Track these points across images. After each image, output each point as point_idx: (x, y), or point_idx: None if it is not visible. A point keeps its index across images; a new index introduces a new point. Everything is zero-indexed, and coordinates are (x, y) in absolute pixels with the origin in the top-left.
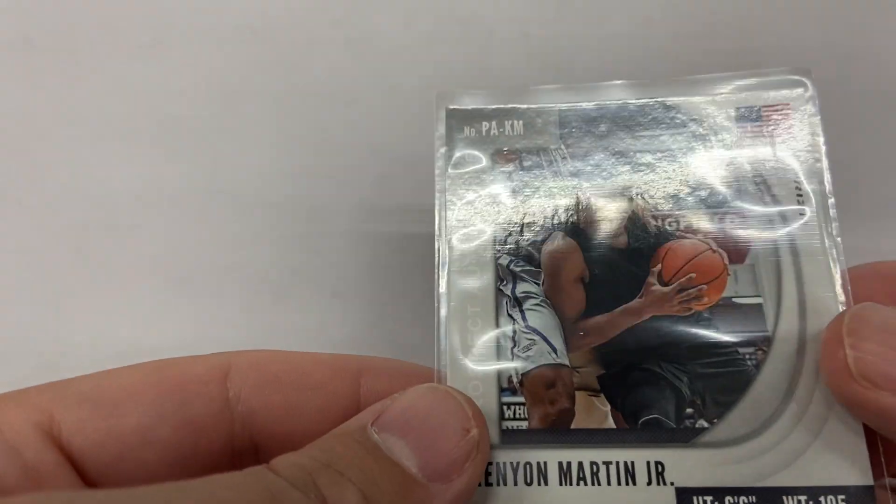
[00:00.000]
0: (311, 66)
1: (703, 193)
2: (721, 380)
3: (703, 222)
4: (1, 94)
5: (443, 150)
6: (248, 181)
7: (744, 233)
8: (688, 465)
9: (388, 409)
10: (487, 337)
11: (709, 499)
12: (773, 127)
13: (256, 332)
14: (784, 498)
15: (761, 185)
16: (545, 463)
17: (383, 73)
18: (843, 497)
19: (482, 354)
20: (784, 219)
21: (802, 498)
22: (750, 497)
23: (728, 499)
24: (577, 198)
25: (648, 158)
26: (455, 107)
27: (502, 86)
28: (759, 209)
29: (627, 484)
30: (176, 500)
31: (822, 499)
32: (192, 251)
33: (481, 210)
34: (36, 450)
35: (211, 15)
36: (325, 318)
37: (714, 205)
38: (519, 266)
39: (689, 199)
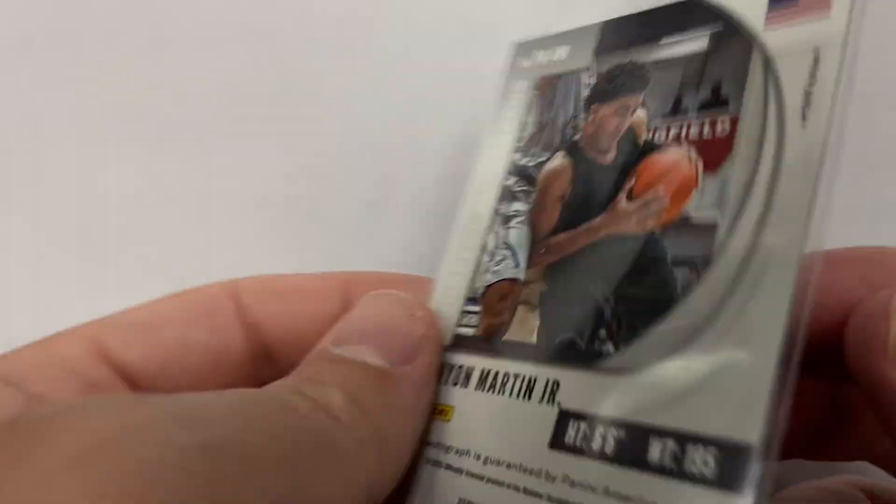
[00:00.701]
0: (312, 65)
1: (705, 95)
2: (643, 304)
3: (693, 128)
4: (1, 94)
5: (500, 84)
6: (248, 181)
7: (730, 139)
8: (578, 388)
9: (341, 327)
10: (473, 252)
11: (583, 425)
12: (809, 16)
13: None
14: (651, 438)
15: (772, 86)
16: (472, 368)
17: (383, 72)
18: (713, 449)
19: (465, 267)
20: (782, 130)
21: (669, 441)
22: (620, 431)
23: (599, 429)
24: (587, 118)
25: (660, 68)
26: (520, 41)
27: None
28: (755, 114)
29: (525, 399)
30: (213, 402)
31: (689, 446)
32: (192, 251)
33: (509, 136)
34: (92, 370)
35: (211, 15)
36: None
37: (710, 106)
38: (519, 187)
39: (690, 103)
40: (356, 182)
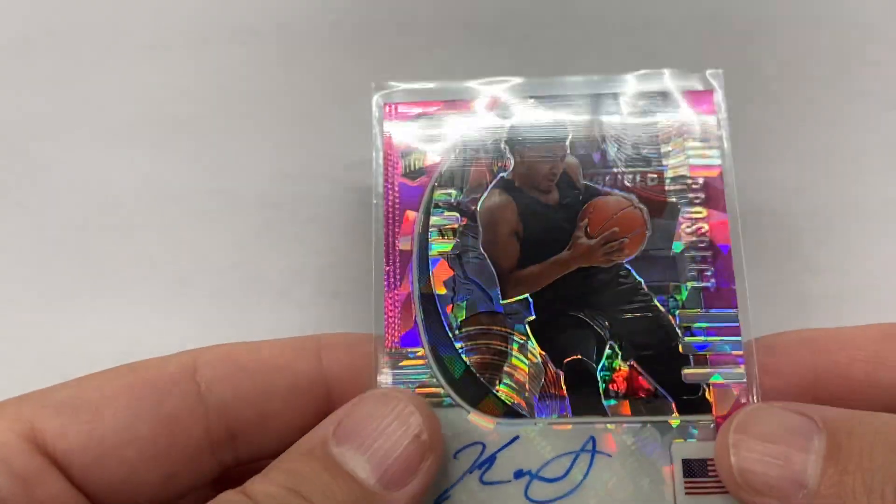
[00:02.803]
0: (311, 66)
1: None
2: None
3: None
4: (1, 94)
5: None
6: (248, 181)
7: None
8: None
9: (345, 421)
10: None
11: None
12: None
13: (256, 332)
14: None
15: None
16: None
17: (383, 72)
18: None
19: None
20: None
21: None
22: None
23: None
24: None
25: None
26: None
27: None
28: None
29: None
30: None
31: None
32: (192, 251)
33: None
34: (23, 458)
35: (211, 16)
36: (325, 318)
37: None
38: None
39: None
40: (356, 183)
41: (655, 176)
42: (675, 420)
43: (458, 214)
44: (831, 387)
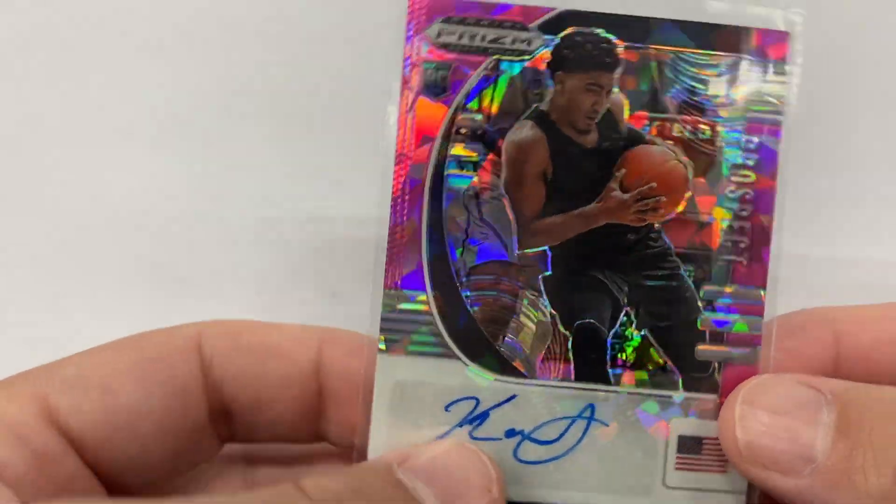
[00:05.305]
0: (312, 66)
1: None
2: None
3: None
4: (1, 94)
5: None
6: (248, 181)
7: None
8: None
9: (416, 456)
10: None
11: None
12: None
13: None
14: None
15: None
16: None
17: (384, 73)
18: None
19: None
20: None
21: None
22: None
23: None
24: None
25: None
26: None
27: None
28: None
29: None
30: None
31: None
32: (192, 251)
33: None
34: (40, 436)
35: (211, 15)
36: (325, 318)
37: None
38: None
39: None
40: (357, 182)
41: (707, 128)
42: (678, 395)
43: (481, 145)
44: (853, 371)
